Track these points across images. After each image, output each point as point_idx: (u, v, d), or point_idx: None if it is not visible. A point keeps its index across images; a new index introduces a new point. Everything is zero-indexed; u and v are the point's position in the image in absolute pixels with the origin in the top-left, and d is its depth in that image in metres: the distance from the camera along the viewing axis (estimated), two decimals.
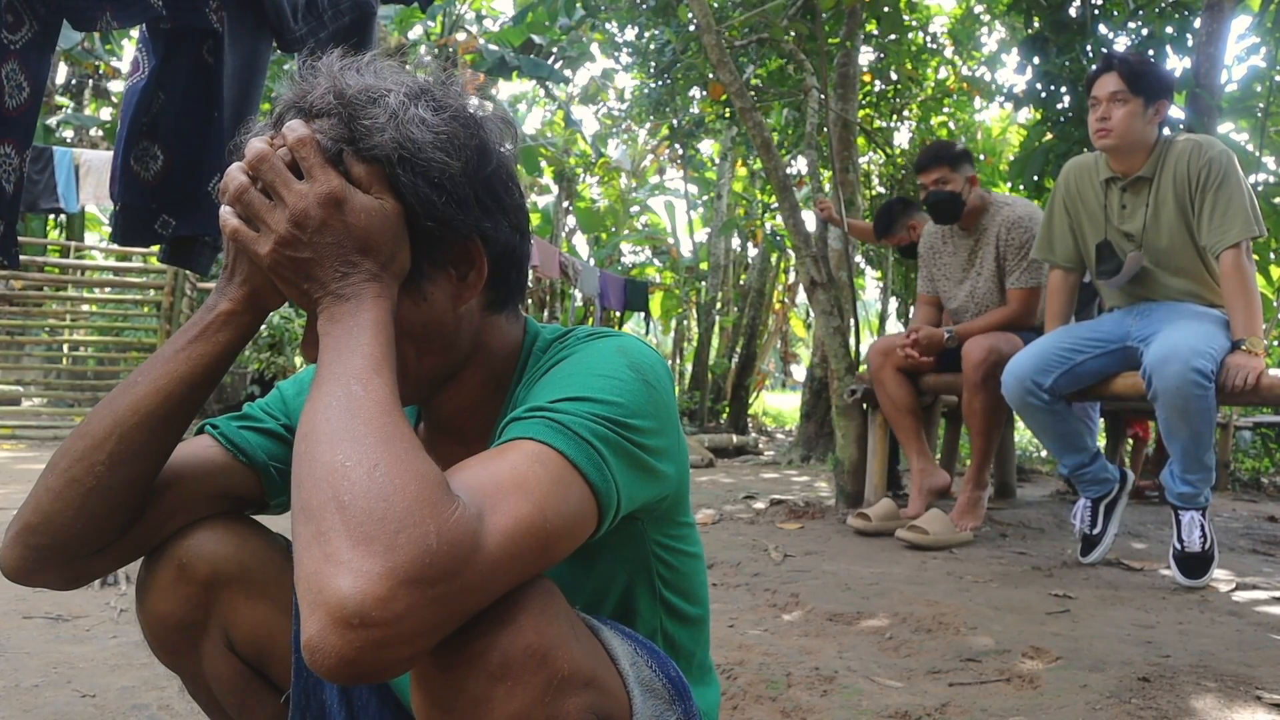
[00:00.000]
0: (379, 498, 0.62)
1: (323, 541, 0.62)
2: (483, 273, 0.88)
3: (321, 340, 0.77)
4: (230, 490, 0.98)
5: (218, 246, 2.06)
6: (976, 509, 3.48)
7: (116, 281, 9.05)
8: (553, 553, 0.70)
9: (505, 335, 0.94)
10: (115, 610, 2.32)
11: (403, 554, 0.60)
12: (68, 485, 0.85)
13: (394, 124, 0.81)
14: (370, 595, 0.59)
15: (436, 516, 0.62)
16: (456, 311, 0.88)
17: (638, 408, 0.80)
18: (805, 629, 2.23)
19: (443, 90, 0.86)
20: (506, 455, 0.72)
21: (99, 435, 0.85)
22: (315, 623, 0.60)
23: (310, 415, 0.71)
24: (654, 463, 0.82)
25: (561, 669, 0.70)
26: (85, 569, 0.89)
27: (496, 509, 0.66)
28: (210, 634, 0.97)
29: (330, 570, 0.60)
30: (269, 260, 0.79)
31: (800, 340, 19.71)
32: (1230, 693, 1.73)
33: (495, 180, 0.88)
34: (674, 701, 0.84)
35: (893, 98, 9.15)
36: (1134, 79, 2.81)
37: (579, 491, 0.73)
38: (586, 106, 14.65)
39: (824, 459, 7.33)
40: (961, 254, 3.76)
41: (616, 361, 0.83)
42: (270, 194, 0.79)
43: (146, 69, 1.78)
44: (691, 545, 0.99)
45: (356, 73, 0.84)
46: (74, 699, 1.72)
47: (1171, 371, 2.55)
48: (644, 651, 0.85)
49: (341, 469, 0.64)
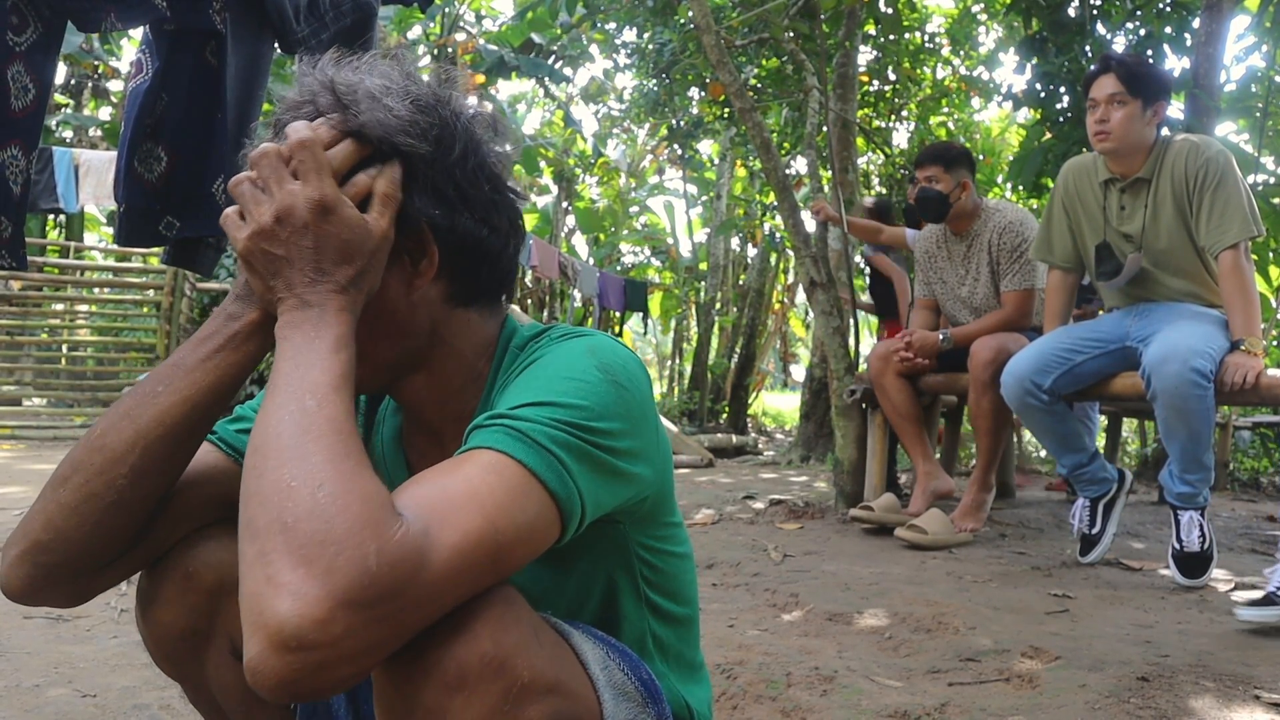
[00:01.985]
0: (321, 519, 0.63)
1: (265, 563, 0.62)
2: (434, 260, 0.87)
3: (280, 345, 0.77)
4: (233, 495, 0.96)
5: (221, 248, 2.06)
6: (979, 511, 3.48)
7: (116, 282, 9.06)
8: (505, 564, 0.70)
9: (476, 331, 0.93)
10: (116, 610, 2.32)
11: (341, 576, 0.60)
12: (85, 501, 0.83)
13: (368, 107, 0.83)
14: (308, 618, 0.59)
15: (377, 537, 0.62)
16: (410, 298, 0.88)
17: (604, 409, 0.79)
18: (805, 629, 2.24)
19: (424, 84, 0.88)
20: (462, 467, 0.72)
21: (120, 448, 0.83)
22: (255, 645, 0.60)
23: (262, 427, 0.70)
24: (623, 465, 0.80)
25: (521, 676, 0.70)
26: (91, 585, 0.88)
27: (444, 524, 0.66)
28: (215, 642, 0.96)
29: (270, 592, 0.61)
30: (244, 247, 0.80)
31: (800, 340, 19.71)
32: (1229, 692, 1.74)
33: (457, 170, 0.88)
34: (647, 704, 0.84)
35: (891, 98, 9.17)
36: (1132, 80, 2.81)
37: (537, 500, 0.72)
38: (587, 106, 14.66)
39: (823, 459, 7.34)
40: (956, 259, 3.77)
41: (585, 363, 0.82)
42: (263, 188, 0.80)
43: (150, 70, 1.79)
44: (678, 545, 0.99)
45: (350, 70, 0.86)
46: (75, 699, 1.72)
47: (1170, 371, 2.55)
48: (615, 654, 0.85)
49: (287, 489, 0.65)
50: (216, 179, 1.95)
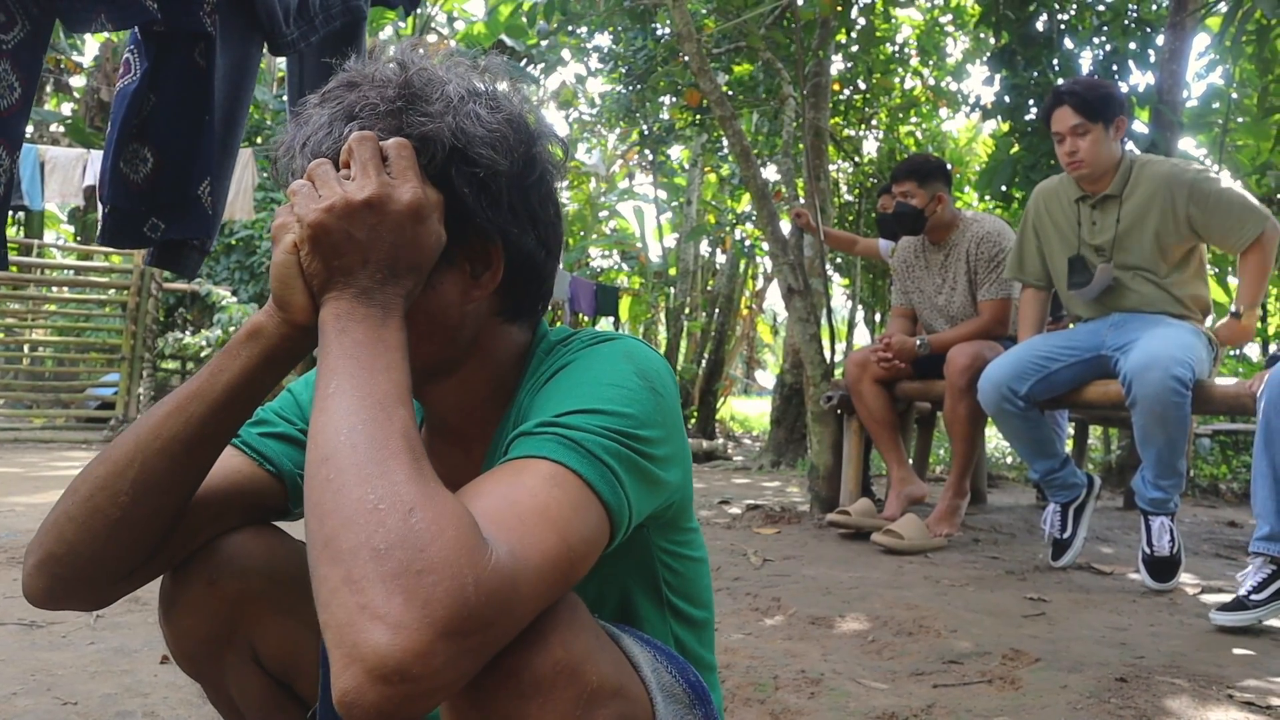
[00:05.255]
0: (416, 547, 0.60)
1: (356, 590, 0.60)
2: (497, 275, 0.86)
3: (336, 336, 0.73)
4: (256, 501, 0.95)
5: (205, 250, 2.04)
6: (954, 516, 3.53)
7: (79, 281, 8.89)
8: (575, 578, 0.70)
9: (514, 343, 0.93)
10: (91, 616, 2.28)
11: (440, 607, 0.59)
12: (91, 515, 0.81)
13: (450, 113, 0.82)
14: (410, 651, 0.58)
15: (474, 565, 0.61)
16: (463, 308, 0.86)
17: (647, 417, 0.79)
18: (789, 632, 2.26)
19: (503, 95, 0.87)
20: (522, 479, 0.70)
21: (121, 461, 0.81)
22: (351, 677, 0.58)
23: (330, 434, 0.67)
24: (661, 473, 0.80)
25: (591, 682, 0.70)
26: (113, 592, 0.86)
27: (526, 546, 0.65)
28: (236, 648, 0.96)
29: (365, 623, 0.58)
30: (320, 219, 0.75)
31: (767, 346, 19.84)
32: (1203, 692, 1.78)
33: (534, 191, 0.88)
34: (694, 705, 0.85)
35: (861, 106, 9.27)
36: (1088, 108, 2.92)
37: (596, 513, 0.72)
38: (558, 111, 14.65)
39: (794, 464, 7.40)
40: (934, 268, 3.84)
41: (624, 369, 0.82)
42: (361, 168, 0.77)
43: (138, 71, 1.76)
44: (695, 550, 0.99)
45: (420, 69, 0.84)
46: (55, 706, 1.69)
47: (1152, 379, 2.62)
48: (663, 658, 0.85)
49: (375, 510, 0.62)
50: (203, 181, 1.93)
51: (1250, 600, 2.25)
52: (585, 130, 14.80)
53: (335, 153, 0.81)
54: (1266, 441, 2.24)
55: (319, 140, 0.83)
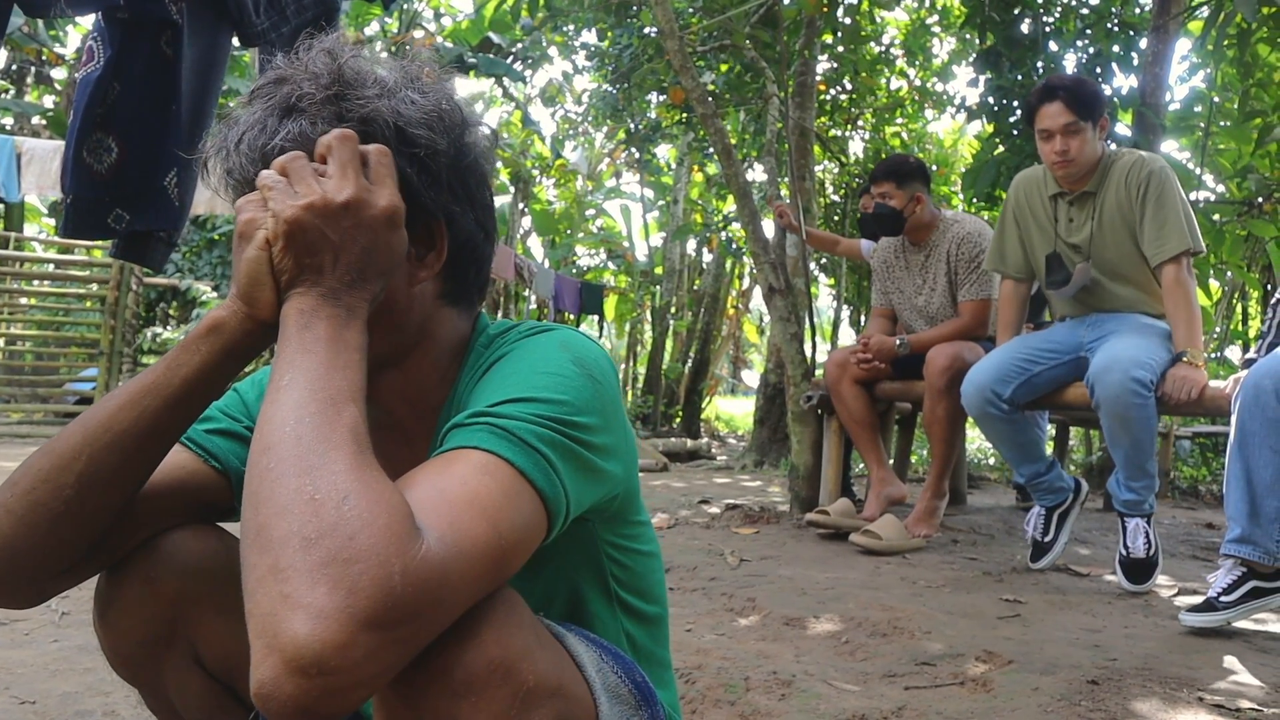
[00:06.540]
0: (345, 535, 0.59)
1: (280, 579, 0.58)
2: (441, 254, 0.87)
3: (296, 332, 0.72)
4: (200, 499, 0.93)
5: (172, 242, 2.00)
6: (933, 517, 3.53)
7: (58, 275, 8.81)
8: (508, 570, 0.69)
9: (455, 329, 0.92)
10: (56, 614, 2.25)
11: (364, 597, 0.57)
12: (32, 509, 0.79)
13: (386, 96, 0.82)
14: (329, 642, 0.56)
15: (402, 554, 0.59)
16: (409, 291, 0.86)
17: (583, 405, 0.77)
18: (762, 633, 2.24)
19: (431, 83, 0.87)
20: (454, 468, 0.69)
21: (67, 454, 0.79)
22: (269, 668, 0.57)
23: (278, 424, 0.66)
24: (600, 462, 0.79)
25: (527, 681, 0.69)
26: (50, 588, 0.84)
27: (456, 534, 0.64)
28: (176, 649, 0.93)
29: (286, 612, 0.57)
30: (296, 215, 0.74)
31: (753, 346, 19.86)
32: (1174, 695, 1.78)
33: (470, 174, 0.88)
34: (640, 706, 0.83)
35: (847, 106, 9.28)
36: (1081, 106, 2.87)
37: (529, 502, 0.70)
38: (545, 108, 14.61)
39: (777, 464, 7.39)
40: (914, 268, 3.83)
41: (560, 357, 0.81)
42: (340, 169, 0.76)
43: (101, 59, 1.73)
44: (646, 544, 0.98)
45: (352, 57, 0.85)
46: (12, 705, 1.66)
47: (1112, 381, 2.62)
48: (609, 657, 0.84)
49: (310, 501, 0.61)
50: (169, 172, 1.91)
51: (1220, 602, 2.25)
52: (571, 128, 14.77)
53: (272, 149, 0.80)
54: (1240, 444, 2.24)
55: (253, 137, 0.82)
